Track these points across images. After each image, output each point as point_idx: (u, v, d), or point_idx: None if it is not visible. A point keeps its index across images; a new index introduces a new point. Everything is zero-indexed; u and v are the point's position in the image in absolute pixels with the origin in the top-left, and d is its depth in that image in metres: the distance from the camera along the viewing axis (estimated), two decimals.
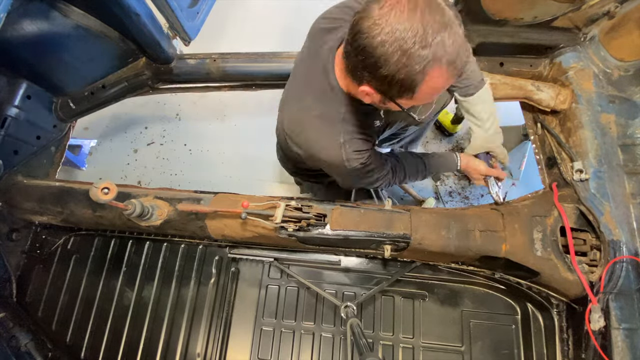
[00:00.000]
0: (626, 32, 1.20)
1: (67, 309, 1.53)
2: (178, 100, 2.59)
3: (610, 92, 1.26)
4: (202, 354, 1.42)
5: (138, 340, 1.46)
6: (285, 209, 1.19)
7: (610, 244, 1.08)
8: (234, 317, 1.47)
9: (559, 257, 1.13)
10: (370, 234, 1.22)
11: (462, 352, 1.35)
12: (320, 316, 1.44)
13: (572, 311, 1.19)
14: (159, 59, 1.64)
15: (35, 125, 1.61)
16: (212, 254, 1.54)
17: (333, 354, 1.40)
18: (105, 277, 1.55)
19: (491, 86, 1.40)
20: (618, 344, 1.02)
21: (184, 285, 1.51)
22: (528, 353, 1.30)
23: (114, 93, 1.72)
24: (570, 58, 1.32)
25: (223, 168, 2.38)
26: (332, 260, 1.45)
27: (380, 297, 1.44)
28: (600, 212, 1.11)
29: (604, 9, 1.18)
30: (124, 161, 2.46)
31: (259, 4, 2.83)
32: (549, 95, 1.31)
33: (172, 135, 2.52)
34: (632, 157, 1.18)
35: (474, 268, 1.36)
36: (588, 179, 1.16)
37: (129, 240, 1.59)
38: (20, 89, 1.53)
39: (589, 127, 1.22)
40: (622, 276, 1.05)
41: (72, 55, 1.52)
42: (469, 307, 1.39)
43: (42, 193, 1.49)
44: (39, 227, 1.65)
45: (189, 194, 1.40)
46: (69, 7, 1.38)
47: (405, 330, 1.39)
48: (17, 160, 1.55)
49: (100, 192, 1.06)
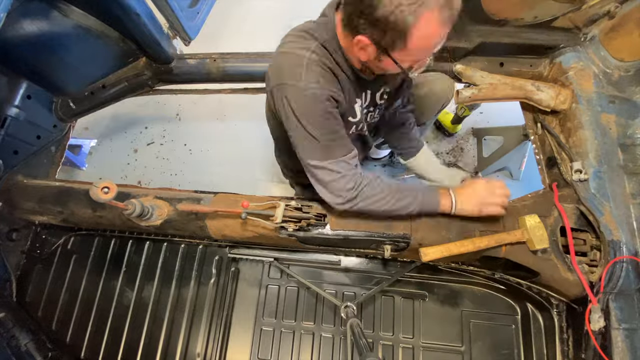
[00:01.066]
0: (626, 32, 1.20)
1: (67, 309, 1.53)
2: (178, 100, 2.59)
3: (610, 92, 1.25)
4: (202, 354, 1.42)
5: (138, 340, 1.46)
6: (285, 209, 1.19)
7: (610, 244, 1.07)
8: (234, 317, 1.47)
9: (559, 257, 1.13)
10: (371, 234, 1.22)
11: (462, 352, 1.35)
12: (320, 316, 1.44)
13: (572, 311, 1.19)
14: (159, 59, 1.64)
15: (35, 125, 1.61)
16: (212, 254, 1.54)
17: (333, 354, 1.40)
18: (105, 277, 1.55)
19: (491, 86, 1.40)
20: (618, 344, 1.02)
21: (184, 285, 1.51)
22: (528, 353, 1.30)
23: (114, 93, 1.72)
24: (571, 58, 1.32)
25: (223, 168, 2.38)
26: (332, 260, 1.45)
27: (380, 297, 1.44)
28: (600, 212, 1.11)
29: (604, 9, 1.18)
30: (124, 161, 2.46)
31: (259, 4, 2.83)
32: (549, 96, 1.31)
33: (172, 135, 2.52)
34: (632, 157, 1.18)
35: (474, 268, 1.36)
36: (588, 179, 1.16)
37: (129, 240, 1.59)
38: (20, 89, 1.53)
39: (589, 127, 1.22)
40: (622, 276, 1.05)
41: (72, 55, 1.52)
42: (469, 307, 1.39)
43: (42, 193, 1.49)
44: (39, 227, 1.65)
45: (189, 194, 1.40)
46: (69, 7, 1.38)
47: (405, 330, 1.39)
48: (17, 160, 1.55)
49: (100, 192, 1.06)
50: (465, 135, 2.32)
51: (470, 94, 1.44)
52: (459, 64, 1.49)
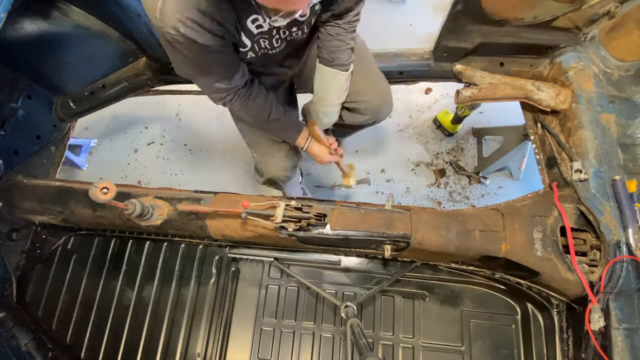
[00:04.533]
0: (626, 32, 1.20)
1: (67, 309, 1.53)
2: (178, 100, 2.59)
3: (610, 92, 1.26)
4: (202, 354, 1.42)
5: (138, 340, 1.46)
6: (285, 209, 1.19)
7: (610, 244, 1.08)
8: (234, 317, 1.47)
9: (559, 257, 1.13)
10: (371, 234, 1.22)
11: (462, 352, 1.35)
12: (320, 316, 1.44)
13: (572, 311, 1.19)
14: (159, 59, 1.64)
15: (35, 125, 1.61)
16: (212, 254, 1.54)
17: (333, 354, 1.40)
18: (105, 277, 1.55)
19: (491, 86, 1.41)
20: (618, 344, 1.02)
21: (184, 285, 1.51)
22: (528, 353, 1.30)
23: (114, 93, 1.72)
24: (571, 58, 1.32)
25: (223, 168, 2.39)
26: (332, 260, 1.45)
27: (380, 297, 1.44)
28: (600, 212, 1.11)
29: (604, 9, 1.18)
30: (124, 161, 2.47)
31: None
32: (549, 95, 1.31)
33: (172, 135, 2.52)
34: (632, 157, 1.18)
35: (474, 268, 1.36)
36: (588, 179, 1.16)
37: (129, 240, 1.59)
38: (21, 89, 1.53)
39: (589, 127, 1.22)
40: (622, 276, 1.05)
41: (72, 55, 1.52)
42: (469, 307, 1.39)
43: (42, 193, 1.49)
44: (39, 227, 1.64)
45: (189, 194, 1.40)
46: (69, 7, 1.38)
47: (405, 330, 1.39)
48: (17, 160, 1.55)
49: (100, 192, 1.06)
50: (465, 135, 2.33)
51: (470, 94, 1.44)
52: (459, 64, 1.50)
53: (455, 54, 1.48)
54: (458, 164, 2.24)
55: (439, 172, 2.24)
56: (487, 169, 2.13)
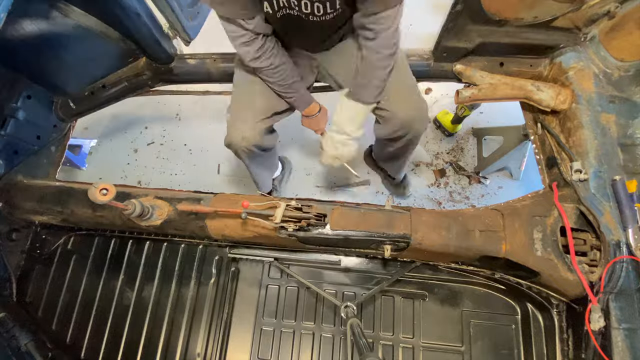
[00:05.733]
0: (626, 32, 1.20)
1: (67, 309, 1.53)
2: (178, 100, 2.59)
3: (610, 92, 1.26)
4: (202, 354, 1.42)
5: (138, 340, 1.46)
6: (285, 209, 1.19)
7: (610, 244, 1.08)
8: (234, 317, 1.47)
9: (559, 257, 1.13)
10: (371, 234, 1.22)
11: (462, 352, 1.35)
12: (320, 316, 1.44)
13: (572, 311, 1.19)
14: (159, 59, 1.64)
15: (35, 125, 1.61)
16: (212, 254, 1.54)
17: (333, 354, 1.40)
18: (105, 277, 1.55)
19: (491, 86, 1.41)
20: (618, 344, 1.02)
21: (184, 285, 1.51)
22: (528, 353, 1.30)
23: (114, 93, 1.72)
24: (571, 58, 1.32)
25: (223, 168, 2.38)
26: (332, 260, 1.45)
27: (380, 297, 1.44)
28: (600, 212, 1.11)
29: (604, 9, 1.18)
30: (124, 161, 2.46)
31: None
32: (549, 95, 1.31)
33: (172, 135, 2.52)
34: (632, 157, 1.18)
35: (474, 268, 1.36)
36: (588, 179, 1.16)
37: (129, 240, 1.59)
38: (21, 89, 1.53)
39: (589, 127, 1.22)
40: (622, 276, 1.05)
41: (72, 55, 1.52)
42: (469, 307, 1.40)
43: (42, 193, 1.49)
44: (39, 227, 1.65)
45: (189, 194, 1.40)
46: (69, 7, 1.38)
47: (405, 330, 1.39)
48: (17, 160, 1.55)
49: (99, 193, 1.06)
50: (465, 135, 2.32)
51: (470, 94, 1.44)
52: (459, 64, 1.50)
53: (455, 54, 1.48)
54: (458, 164, 2.24)
55: (439, 172, 2.24)
56: (487, 169, 2.13)
